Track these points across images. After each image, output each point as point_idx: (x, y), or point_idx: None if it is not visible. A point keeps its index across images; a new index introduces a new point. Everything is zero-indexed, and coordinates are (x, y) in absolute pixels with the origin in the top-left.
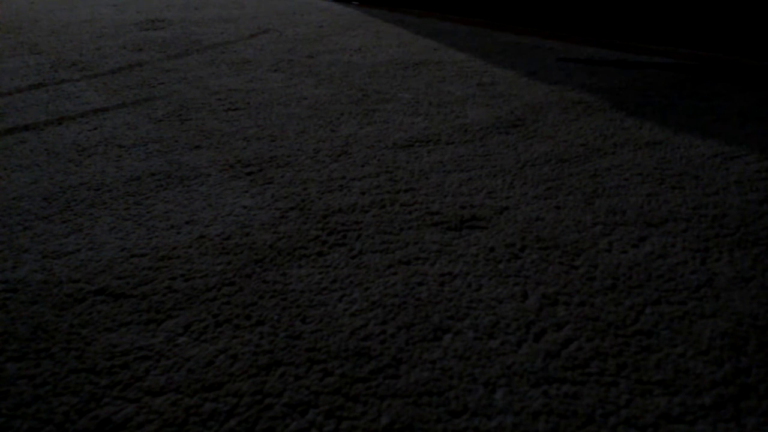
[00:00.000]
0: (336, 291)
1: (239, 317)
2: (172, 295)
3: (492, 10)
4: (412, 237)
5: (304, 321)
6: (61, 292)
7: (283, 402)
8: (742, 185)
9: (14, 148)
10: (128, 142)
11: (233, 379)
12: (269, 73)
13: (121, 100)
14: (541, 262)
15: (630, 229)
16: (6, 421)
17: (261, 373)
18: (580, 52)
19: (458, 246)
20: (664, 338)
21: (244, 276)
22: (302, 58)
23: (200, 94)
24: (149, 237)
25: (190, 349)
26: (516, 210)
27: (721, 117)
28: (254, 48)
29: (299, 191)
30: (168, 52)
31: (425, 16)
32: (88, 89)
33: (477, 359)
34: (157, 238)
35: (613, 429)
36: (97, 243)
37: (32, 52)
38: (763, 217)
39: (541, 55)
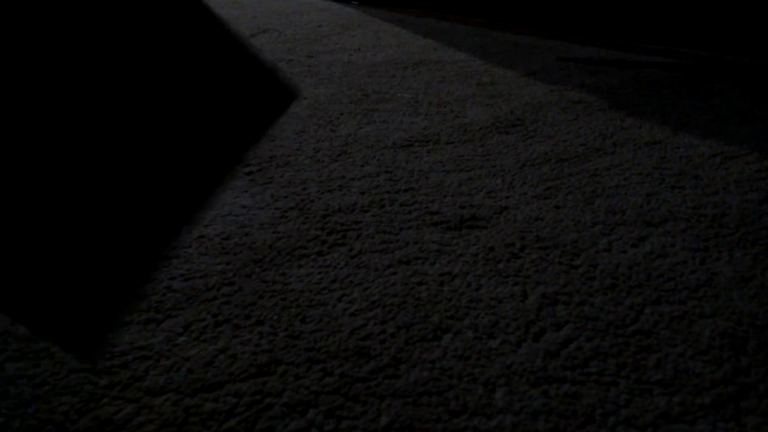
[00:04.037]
0: (335, 291)
1: (239, 317)
2: (172, 295)
3: (491, 9)
4: (411, 237)
5: (303, 321)
6: None
7: (283, 402)
8: (741, 185)
9: None
10: None
11: (233, 378)
12: None
13: None
14: (541, 261)
15: (629, 228)
16: (5, 421)
17: (261, 372)
18: (579, 52)
19: (458, 246)
20: (663, 338)
21: (243, 276)
22: (302, 57)
23: None
24: None
25: (189, 348)
26: (515, 210)
27: (721, 117)
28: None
29: (299, 191)
30: None
31: (424, 15)
32: None
33: (476, 359)
34: None
35: (613, 428)
36: None
37: None
38: (763, 217)
39: (540, 55)
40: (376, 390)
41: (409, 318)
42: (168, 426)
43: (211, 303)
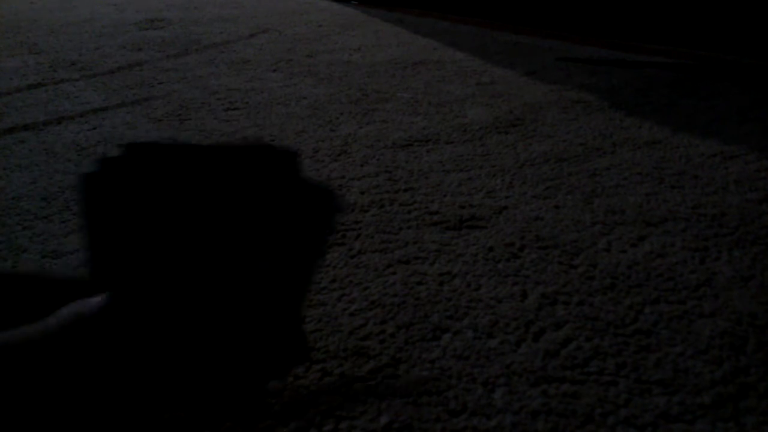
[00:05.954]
0: (335, 291)
1: None
2: None
3: (491, 9)
4: (411, 236)
5: (303, 321)
6: None
7: (283, 402)
8: (741, 184)
9: (13, 147)
10: (127, 141)
11: None
12: (268, 73)
13: (120, 99)
14: (540, 261)
15: (629, 228)
16: None
17: None
18: (579, 52)
19: (457, 245)
20: (663, 337)
21: None
22: (301, 57)
23: (199, 93)
24: None
25: None
26: (515, 209)
27: (721, 116)
28: (253, 47)
29: None
30: (167, 52)
31: (424, 15)
32: (87, 89)
33: (476, 359)
34: None
35: (612, 428)
36: None
37: (31, 51)
38: (763, 217)
39: (540, 55)
40: (375, 390)
41: (409, 318)
42: None
43: None
